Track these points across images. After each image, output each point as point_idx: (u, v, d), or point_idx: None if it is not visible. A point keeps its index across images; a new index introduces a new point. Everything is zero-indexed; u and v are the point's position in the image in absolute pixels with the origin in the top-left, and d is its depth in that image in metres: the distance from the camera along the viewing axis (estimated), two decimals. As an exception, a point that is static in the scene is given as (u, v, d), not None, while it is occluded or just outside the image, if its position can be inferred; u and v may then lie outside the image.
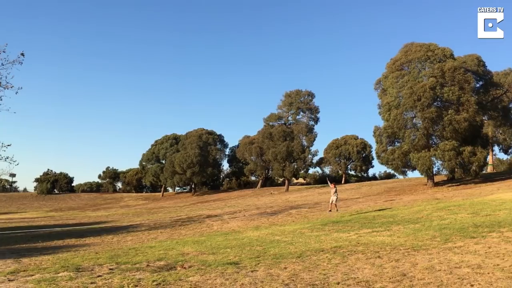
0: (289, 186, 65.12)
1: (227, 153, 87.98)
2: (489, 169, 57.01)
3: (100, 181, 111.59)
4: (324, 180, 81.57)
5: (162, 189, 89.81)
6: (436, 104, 36.97)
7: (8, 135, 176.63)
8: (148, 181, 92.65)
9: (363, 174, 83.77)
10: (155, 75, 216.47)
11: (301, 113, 66.14)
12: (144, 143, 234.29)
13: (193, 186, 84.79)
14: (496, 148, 64.88)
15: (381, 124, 41.48)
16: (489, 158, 56.25)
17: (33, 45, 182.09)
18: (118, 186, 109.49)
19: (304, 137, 63.99)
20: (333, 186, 23.44)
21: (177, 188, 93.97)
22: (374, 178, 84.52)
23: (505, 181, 33.90)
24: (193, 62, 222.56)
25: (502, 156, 73.76)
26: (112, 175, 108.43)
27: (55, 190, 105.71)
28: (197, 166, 76.38)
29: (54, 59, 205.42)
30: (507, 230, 11.53)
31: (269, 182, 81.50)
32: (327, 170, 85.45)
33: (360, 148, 78.08)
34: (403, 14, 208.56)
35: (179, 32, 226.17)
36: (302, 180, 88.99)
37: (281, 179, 77.67)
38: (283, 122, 67.62)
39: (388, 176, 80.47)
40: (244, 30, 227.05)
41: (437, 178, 42.80)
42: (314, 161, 70.22)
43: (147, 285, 7.75)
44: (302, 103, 65.25)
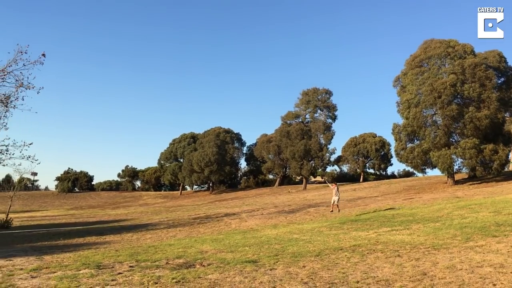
0: (307, 185, 64.92)
1: (244, 151, 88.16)
2: (511, 167, 55.93)
3: (119, 179, 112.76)
4: (342, 178, 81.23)
5: (180, 187, 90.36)
6: (456, 101, 36.44)
7: (29, 134, 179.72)
8: (166, 179, 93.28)
9: (381, 172, 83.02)
10: (173, 74, 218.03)
11: (319, 111, 65.84)
12: (162, 142, 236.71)
13: (211, 185, 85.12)
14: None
15: (400, 121, 41.15)
16: (511, 156, 55.19)
17: (54, 42, 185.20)
18: (137, 185, 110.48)
19: (321, 135, 63.69)
20: (334, 186, 23.23)
21: (195, 187, 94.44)
22: (393, 176, 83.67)
23: (528, 179, 33.25)
24: (209, 60, 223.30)
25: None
26: (131, 173, 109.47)
27: (76, 188, 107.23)
28: (215, 164, 76.66)
29: (74, 57, 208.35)
30: (530, 229, 11.32)
31: (286, 180, 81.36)
32: (345, 168, 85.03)
33: (378, 146, 77.42)
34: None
35: (198, 29, 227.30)
36: (319, 178, 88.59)
37: (298, 178, 77.49)
38: (300, 120, 67.39)
39: (407, 174, 79.58)
40: (262, 26, 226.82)
41: (458, 176, 42.18)
42: (332, 159, 69.97)
43: (166, 283, 7.82)
44: (319, 101, 64.93)
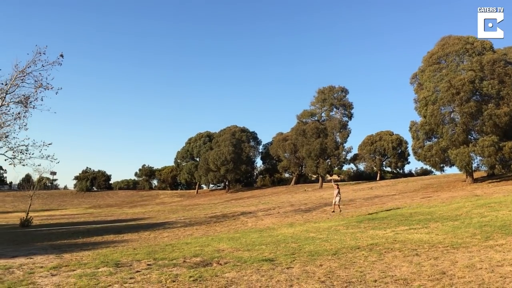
0: (323, 183, 64.69)
1: (260, 150, 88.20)
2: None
3: (136, 178, 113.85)
4: (359, 177, 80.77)
5: (197, 186, 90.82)
6: (475, 98, 35.89)
7: (48, 133, 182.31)
8: (183, 178, 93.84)
9: (398, 170, 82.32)
10: (189, 71, 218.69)
11: (335, 109, 65.48)
12: (178, 141, 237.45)
13: (227, 183, 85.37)
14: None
15: (417, 119, 40.72)
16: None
17: (70, 40, 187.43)
18: (154, 184, 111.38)
19: (337, 134, 63.36)
20: (336, 187, 23.13)
21: (211, 185, 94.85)
22: (410, 174, 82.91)
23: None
24: (222, 58, 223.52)
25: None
26: (148, 172, 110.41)
27: (94, 187, 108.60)
28: (231, 163, 76.86)
29: (90, 55, 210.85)
30: (552, 228, 11.11)
31: (302, 179, 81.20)
32: (362, 166, 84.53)
33: (395, 144, 76.76)
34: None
35: (215, 24, 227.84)
36: (336, 177, 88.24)
37: (314, 176, 77.25)
38: (316, 118, 67.15)
39: (424, 173, 78.80)
40: (280, 21, 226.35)
41: (477, 174, 41.58)
42: (348, 157, 69.59)
43: (184, 281, 7.88)
44: (335, 99, 64.59)
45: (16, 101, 20.41)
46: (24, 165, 22.09)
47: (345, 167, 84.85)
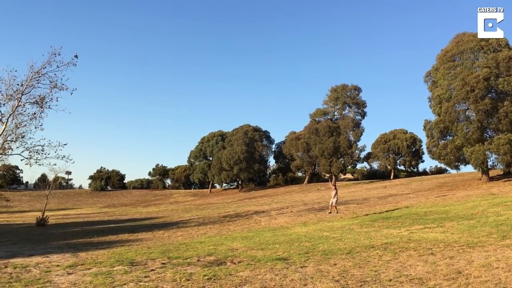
0: (337, 182, 64.36)
1: (273, 149, 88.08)
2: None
3: (150, 178, 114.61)
4: (372, 176, 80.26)
5: (210, 185, 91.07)
6: (490, 95, 35.44)
7: (63, 133, 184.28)
8: (196, 177, 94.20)
9: (412, 169, 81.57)
10: (203, 69, 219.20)
11: (347, 108, 65.26)
12: (191, 140, 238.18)
13: (240, 183, 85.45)
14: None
15: (431, 117, 40.36)
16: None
17: (83, 40, 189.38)
18: (167, 183, 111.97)
19: (351, 132, 63.11)
20: (334, 188, 22.95)
21: (224, 185, 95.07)
22: (424, 173, 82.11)
23: None
24: (235, 56, 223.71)
25: None
26: (161, 172, 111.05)
27: (108, 187, 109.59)
28: (244, 162, 76.94)
29: (105, 54, 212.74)
30: None
31: (315, 178, 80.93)
32: (375, 165, 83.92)
33: (409, 142, 76.05)
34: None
35: (229, 21, 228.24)
36: (349, 175, 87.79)
37: (328, 175, 76.96)
38: (329, 117, 66.94)
39: (439, 171, 77.96)
40: (293, 17, 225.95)
41: (492, 173, 41.07)
42: (362, 156, 69.27)
43: (198, 280, 7.91)
44: (348, 98, 64.33)
45: (32, 101, 20.73)
46: (40, 165, 22.43)
47: (359, 166, 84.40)
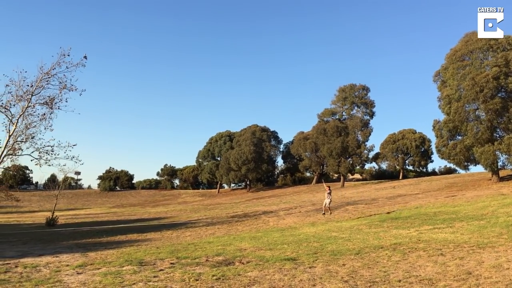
0: (345, 182, 64.25)
1: (281, 149, 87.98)
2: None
3: (158, 178, 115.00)
4: (381, 176, 79.89)
5: (218, 185, 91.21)
6: (500, 95, 35.12)
7: (71, 133, 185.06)
8: (204, 178, 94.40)
9: (421, 169, 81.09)
10: (209, 68, 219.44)
11: (356, 107, 64.95)
12: (199, 141, 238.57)
13: (248, 183, 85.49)
14: None
15: (440, 117, 40.09)
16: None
17: (95, 40, 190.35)
18: (176, 183, 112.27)
19: (359, 132, 62.83)
20: (328, 188, 22.73)
21: (232, 185, 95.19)
22: (433, 173, 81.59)
23: None
24: (242, 56, 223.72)
25: None
26: (169, 172, 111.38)
27: (117, 187, 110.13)
28: (252, 162, 76.97)
29: (113, 54, 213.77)
30: None
31: (324, 178, 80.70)
32: (384, 165, 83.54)
33: (418, 142, 75.63)
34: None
35: (235, 21, 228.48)
36: (358, 176, 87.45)
37: (336, 175, 76.75)
38: (337, 117, 66.72)
39: (448, 171, 77.41)
40: (298, 17, 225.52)
41: (502, 173, 40.71)
42: (370, 156, 68.96)
43: (207, 280, 7.93)
44: (356, 98, 64.05)
45: (42, 102, 20.90)
46: (49, 165, 22.63)
47: (367, 166, 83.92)
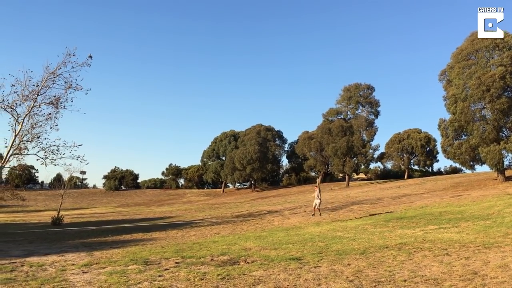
0: (350, 182, 64.14)
1: (286, 149, 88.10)
2: None
3: (163, 177, 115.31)
4: (386, 175, 79.70)
5: (223, 185, 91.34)
6: (506, 94, 34.97)
7: (77, 132, 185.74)
8: (209, 177, 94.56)
9: (427, 168, 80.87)
10: (212, 69, 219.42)
11: (361, 107, 64.88)
12: (204, 140, 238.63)
13: (253, 182, 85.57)
14: None
15: (446, 116, 39.95)
16: None
17: (97, 41, 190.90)
18: (181, 183, 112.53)
19: (364, 132, 62.75)
20: (316, 188, 22.53)
21: (237, 184, 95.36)
22: (439, 173, 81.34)
23: None
24: (247, 55, 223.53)
25: None
26: (174, 171, 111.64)
27: (122, 186, 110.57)
28: (257, 162, 77.02)
29: (118, 53, 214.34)
30: None
31: (329, 177, 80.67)
32: (389, 165, 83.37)
33: (424, 142, 75.41)
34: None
35: (238, 21, 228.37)
36: (363, 175, 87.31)
37: (341, 175, 76.64)
38: (342, 116, 66.63)
39: (454, 171, 77.16)
40: (299, 18, 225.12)
41: (509, 173, 40.51)
42: (375, 156, 68.84)
43: (212, 279, 7.93)
44: (361, 97, 63.96)
45: (47, 102, 20.98)
46: (55, 165, 22.69)
47: (372, 166, 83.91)
